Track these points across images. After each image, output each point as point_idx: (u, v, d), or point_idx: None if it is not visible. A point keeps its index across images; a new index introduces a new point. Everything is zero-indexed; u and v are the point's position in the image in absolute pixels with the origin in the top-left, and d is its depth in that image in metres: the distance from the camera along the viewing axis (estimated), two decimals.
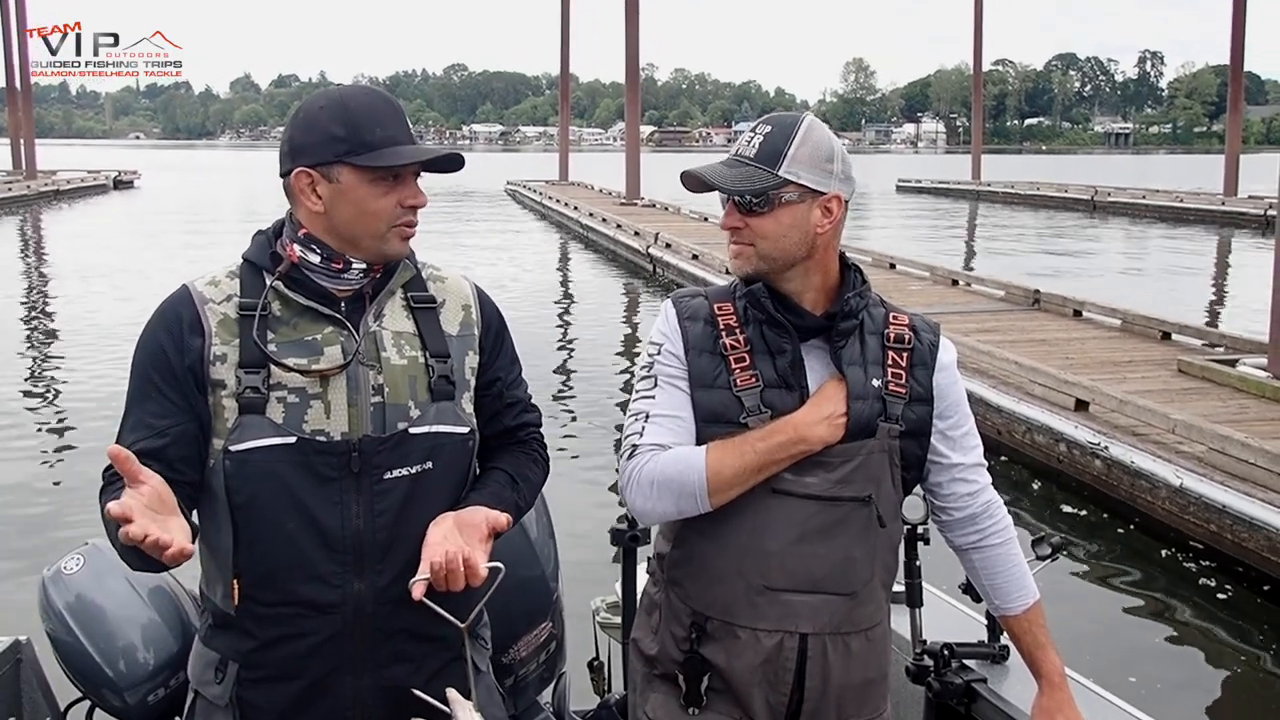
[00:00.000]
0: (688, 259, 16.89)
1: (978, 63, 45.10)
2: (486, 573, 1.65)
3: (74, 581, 2.22)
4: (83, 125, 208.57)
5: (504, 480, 1.87)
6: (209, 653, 1.79)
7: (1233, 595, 5.65)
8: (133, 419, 1.72)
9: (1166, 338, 10.20)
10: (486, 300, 1.92)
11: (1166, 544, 6.19)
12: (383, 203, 1.71)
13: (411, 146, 1.72)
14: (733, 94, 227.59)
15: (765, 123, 1.82)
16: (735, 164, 1.79)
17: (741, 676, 1.81)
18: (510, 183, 43.78)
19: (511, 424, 1.92)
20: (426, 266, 1.89)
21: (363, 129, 1.69)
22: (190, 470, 1.70)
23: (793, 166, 1.76)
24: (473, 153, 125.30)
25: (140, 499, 1.48)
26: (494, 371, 1.88)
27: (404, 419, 1.73)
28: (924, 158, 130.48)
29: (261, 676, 1.74)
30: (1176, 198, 33.68)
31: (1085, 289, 14.20)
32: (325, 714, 1.75)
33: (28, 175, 40.48)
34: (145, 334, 1.76)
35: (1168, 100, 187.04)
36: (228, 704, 1.76)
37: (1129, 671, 4.72)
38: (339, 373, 1.71)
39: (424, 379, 1.76)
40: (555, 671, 2.54)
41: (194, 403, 1.70)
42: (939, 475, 1.92)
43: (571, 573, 2.67)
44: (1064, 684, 1.97)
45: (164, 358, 1.71)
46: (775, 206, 1.76)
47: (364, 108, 1.71)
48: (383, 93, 1.77)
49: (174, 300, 1.77)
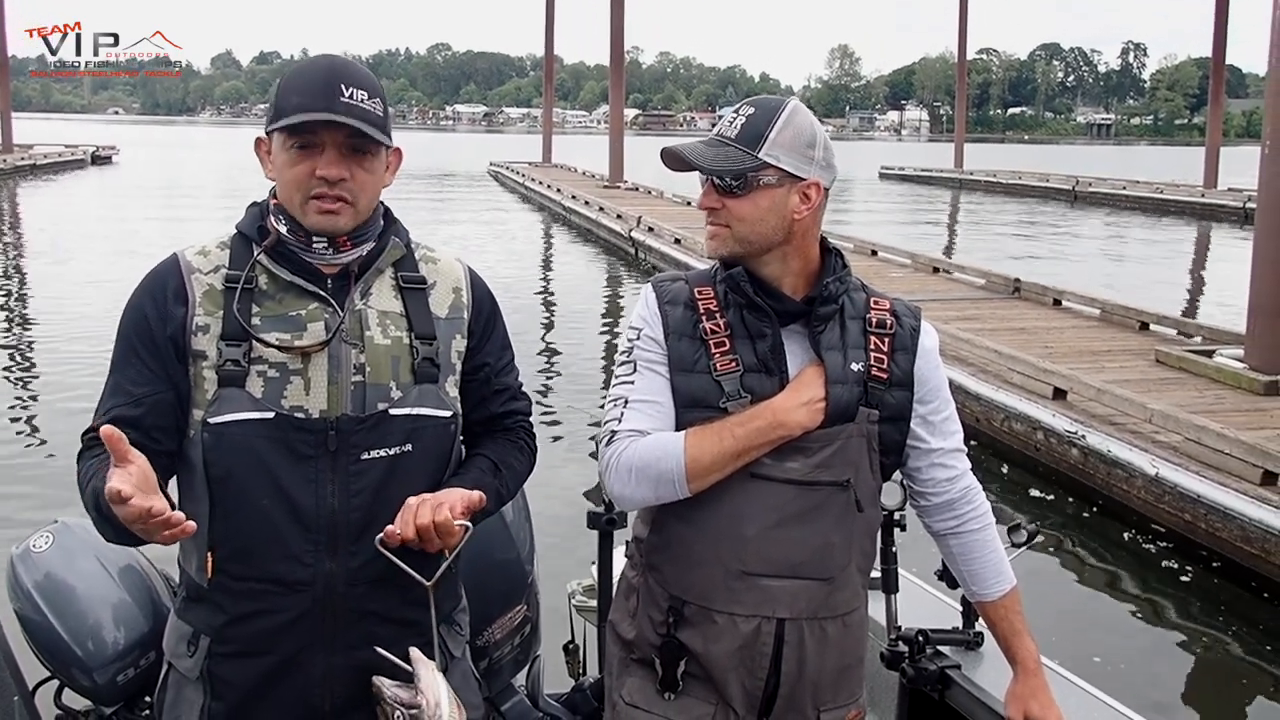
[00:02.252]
0: (670, 243, 16.87)
1: (962, 51, 45.17)
2: (459, 530, 1.64)
3: (43, 560, 2.20)
4: (61, 99, 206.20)
5: (486, 466, 1.85)
6: (182, 625, 1.78)
7: (1205, 584, 5.70)
8: (112, 383, 1.73)
9: (1145, 328, 10.27)
10: (479, 284, 1.89)
11: (1141, 532, 6.23)
12: (296, 171, 1.69)
13: (317, 113, 1.64)
14: (717, 79, 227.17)
15: (749, 104, 1.80)
16: (716, 144, 1.78)
17: (718, 661, 1.81)
18: (493, 164, 43.64)
19: (498, 411, 1.91)
20: (420, 246, 1.87)
21: (283, 95, 1.68)
22: (166, 439, 1.70)
23: (773, 150, 1.74)
24: (456, 133, 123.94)
25: (130, 478, 1.47)
26: (482, 356, 1.86)
27: (384, 399, 1.72)
28: (907, 145, 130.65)
29: (232, 651, 1.73)
30: (1157, 189, 33.86)
31: (1065, 278, 14.25)
32: (295, 691, 1.74)
33: (4, 149, 39.96)
34: (131, 300, 1.75)
35: (1150, 92, 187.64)
36: (199, 677, 1.75)
37: (1102, 658, 4.76)
38: (320, 350, 1.69)
39: (408, 360, 1.74)
40: (530, 654, 2.53)
41: (172, 373, 1.70)
42: (918, 460, 1.91)
43: (547, 555, 2.66)
44: (1039, 670, 1.97)
45: (146, 326, 1.71)
46: (753, 189, 1.75)
47: (294, 75, 1.71)
48: (328, 61, 1.72)
49: (162, 269, 1.76)
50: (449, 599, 1.87)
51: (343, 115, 1.65)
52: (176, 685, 1.79)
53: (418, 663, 1.63)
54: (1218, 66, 32.90)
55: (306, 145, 1.67)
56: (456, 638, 1.90)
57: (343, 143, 1.68)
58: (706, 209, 1.80)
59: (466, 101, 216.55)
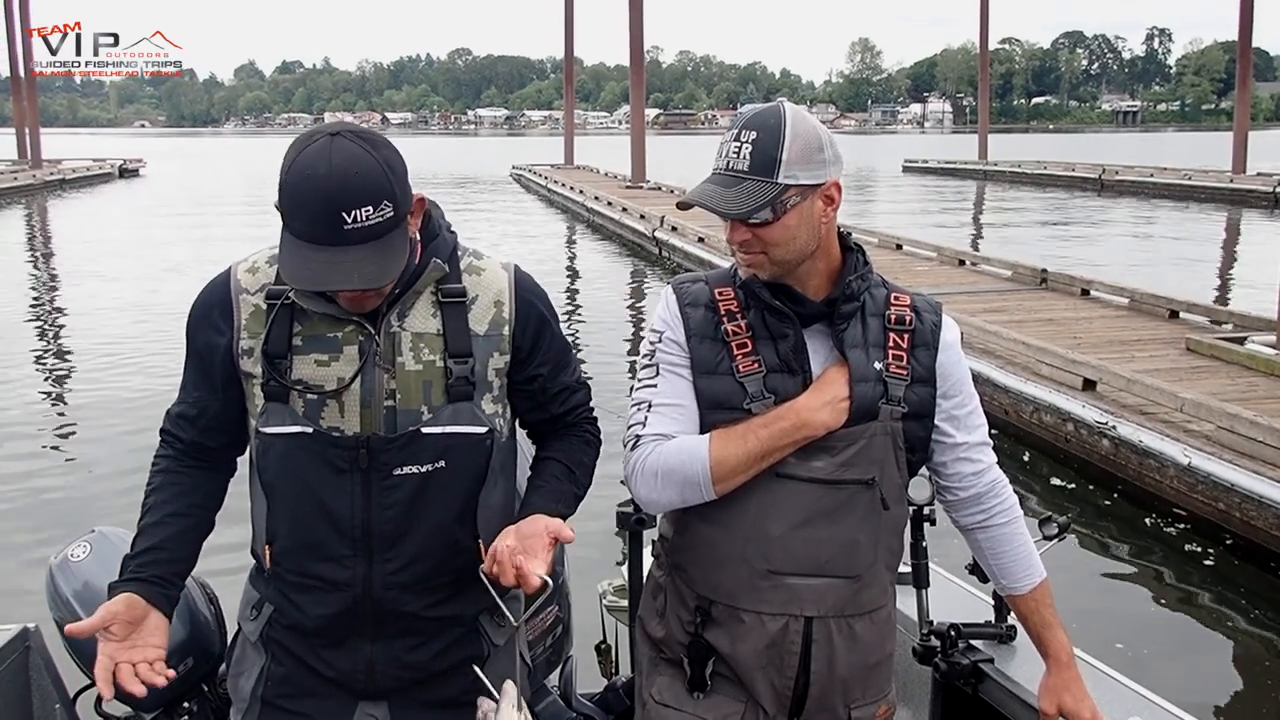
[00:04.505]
0: (693, 242, 16.85)
1: (984, 42, 44.84)
2: (539, 582, 1.66)
3: (81, 569, 2.24)
4: (87, 114, 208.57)
5: (560, 472, 1.89)
6: (251, 591, 1.93)
7: (1241, 573, 5.64)
8: (182, 381, 1.89)
9: (1175, 316, 10.16)
10: (524, 294, 1.86)
11: (1175, 523, 6.18)
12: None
13: (310, 268, 1.59)
14: (738, 76, 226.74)
15: (748, 127, 1.73)
16: (730, 181, 1.73)
17: (746, 661, 1.81)
18: (516, 167, 43.74)
19: (560, 410, 1.94)
20: (466, 254, 1.86)
21: (290, 212, 1.61)
22: (221, 438, 1.87)
23: (790, 170, 1.71)
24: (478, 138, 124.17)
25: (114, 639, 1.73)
26: (534, 368, 1.87)
27: (415, 422, 1.76)
28: (930, 138, 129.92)
29: (288, 624, 1.86)
30: (1185, 175, 33.51)
31: (1093, 268, 14.13)
32: (342, 669, 1.85)
33: (33, 164, 40.47)
34: (191, 310, 1.86)
35: (1175, 78, 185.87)
36: (259, 639, 1.89)
37: (1136, 650, 4.72)
38: (349, 386, 1.74)
39: (440, 382, 1.77)
40: (562, 655, 2.54)
41: (221, 386, 1.83)
42: (944, 454, 1.91)
43: (578, 556, 2.67)
44: (1072, 663, 1.96)
45: (198, 340, 1.84)
46: (782, 213, 1.73)
47: (295, 191, 1.60)
48: (326, 185, 1.58)
49: (215, 285, 1.84)
50: (488, 594, 1.88)
51: (354, 249, 1.59)
52: (242, 645, 1.93)
53: (504, 695, 1.61)
54: (1244, 50, 32.49)
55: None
56: (498, 629, 1.93)
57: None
58: (739, 243, 1.77)
59: (488, 105, 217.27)
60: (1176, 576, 5.71)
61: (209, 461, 1.89)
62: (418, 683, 1.86)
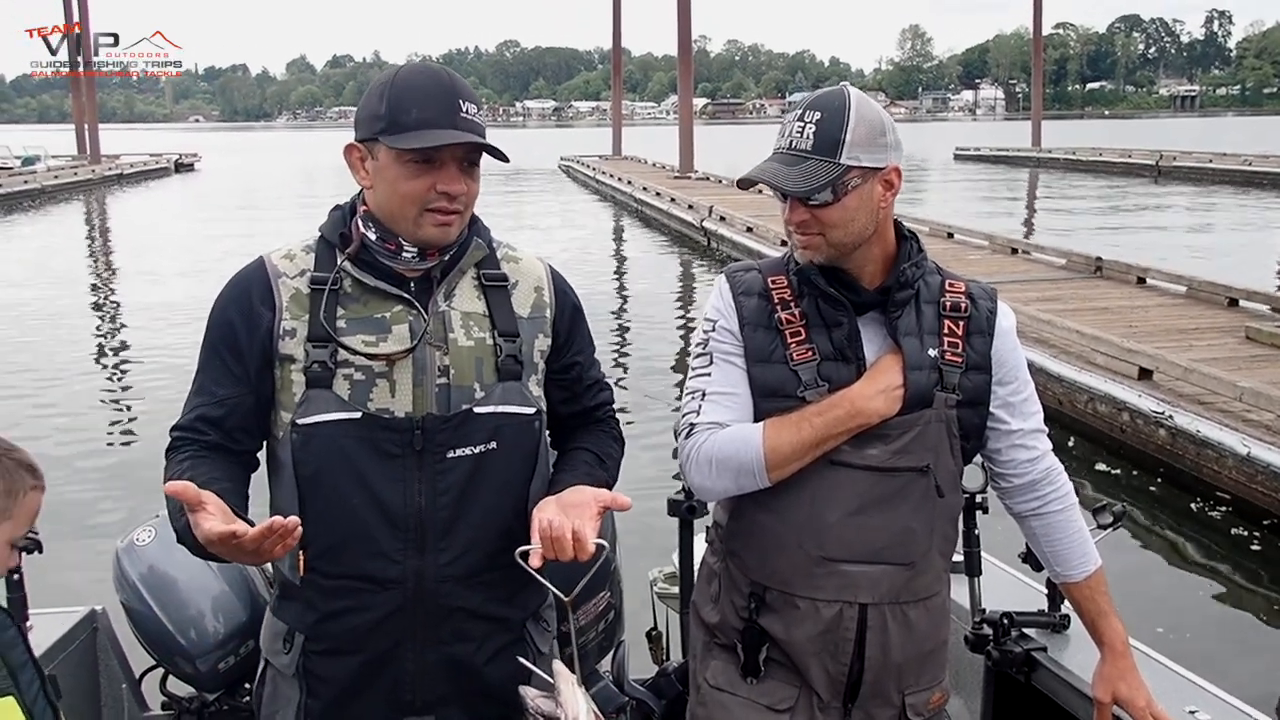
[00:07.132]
0: (742, 231, 16.82)
1: (1037, 26, 44.20)
2: (594, 548, 1.63)
3: (146, 553, 2.28)
4: (144, 109, 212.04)
5: (592, 460, 1.88)
6: (277, 623, 1.82)
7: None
8: (198, 384, 1.77)
9: (1234, 304, 9.98)
10: (561, 284, 1.89)
11: (1232, 513, 6.08)
12: (414, 185, 1.67)
13: (445, 130, 1.64)
14: (786, 65, 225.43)
15: (812, 108, 1.74)
16: (793, 160, 1.73)
17: (800, 647, 1.82)
18: (564, 158, 43.84)
19: (590, 404, 1.94)
20: (502, 246, 1.87)
21: (400, 108, 1.65)
22: (247, 439, 1.75)
23: (853, 151, 1.71)
24: (526, 129, 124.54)
25: (212, 517, 1.51)
26: (571, 356, 1.88)
27: (469, 400, 1.73)
28: (982, 125, 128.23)
29: (325, 649, 1.76)
30: (1245, 161, 32.83)
31: (1149, 256, 13.89)
32: (387, 687, 1.77)
33: (92, 160, 41.29)
34: (217, 303, 1.77)
35: (1236, 61, 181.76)
36: (294, 673, 1.78)
37: (1193, 640, 4.66)
38: (405, 356, 1.71)
39: (491, 360, 1.75)
40: (614, 640, 2.56)
41: (255, 376, 1.72)
42: (998, 441, 1.90)
43: (629, 543, 2.69)
44: (1127, 651, 1.94)
45: (231, 329, 1.73)
46: (842, 195, 1.73)
47: (408, 86, 1.67)
48: (441, 73, 1.69)
49: (248, 272, 1.77)
50: (536, 595, 1.88)
51: (466, 133, 1.65)
52: (273, 681, 1.83)
53: (559, 676, 1.62)
54: None
55: (428, 160, 1.66)
56: (544, 634, 1.92)
57: (462, 158, 1.68)
58: (796, 224, 1.77)
59: (536, 97, 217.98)
60: (1233, 568, 5.63)
61: (234, 457, 1.75)
62: (464, 693, 1.80)
